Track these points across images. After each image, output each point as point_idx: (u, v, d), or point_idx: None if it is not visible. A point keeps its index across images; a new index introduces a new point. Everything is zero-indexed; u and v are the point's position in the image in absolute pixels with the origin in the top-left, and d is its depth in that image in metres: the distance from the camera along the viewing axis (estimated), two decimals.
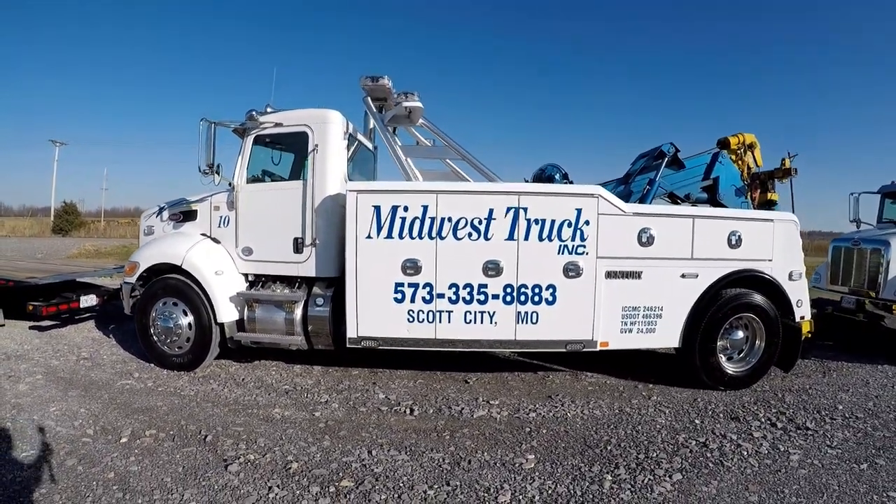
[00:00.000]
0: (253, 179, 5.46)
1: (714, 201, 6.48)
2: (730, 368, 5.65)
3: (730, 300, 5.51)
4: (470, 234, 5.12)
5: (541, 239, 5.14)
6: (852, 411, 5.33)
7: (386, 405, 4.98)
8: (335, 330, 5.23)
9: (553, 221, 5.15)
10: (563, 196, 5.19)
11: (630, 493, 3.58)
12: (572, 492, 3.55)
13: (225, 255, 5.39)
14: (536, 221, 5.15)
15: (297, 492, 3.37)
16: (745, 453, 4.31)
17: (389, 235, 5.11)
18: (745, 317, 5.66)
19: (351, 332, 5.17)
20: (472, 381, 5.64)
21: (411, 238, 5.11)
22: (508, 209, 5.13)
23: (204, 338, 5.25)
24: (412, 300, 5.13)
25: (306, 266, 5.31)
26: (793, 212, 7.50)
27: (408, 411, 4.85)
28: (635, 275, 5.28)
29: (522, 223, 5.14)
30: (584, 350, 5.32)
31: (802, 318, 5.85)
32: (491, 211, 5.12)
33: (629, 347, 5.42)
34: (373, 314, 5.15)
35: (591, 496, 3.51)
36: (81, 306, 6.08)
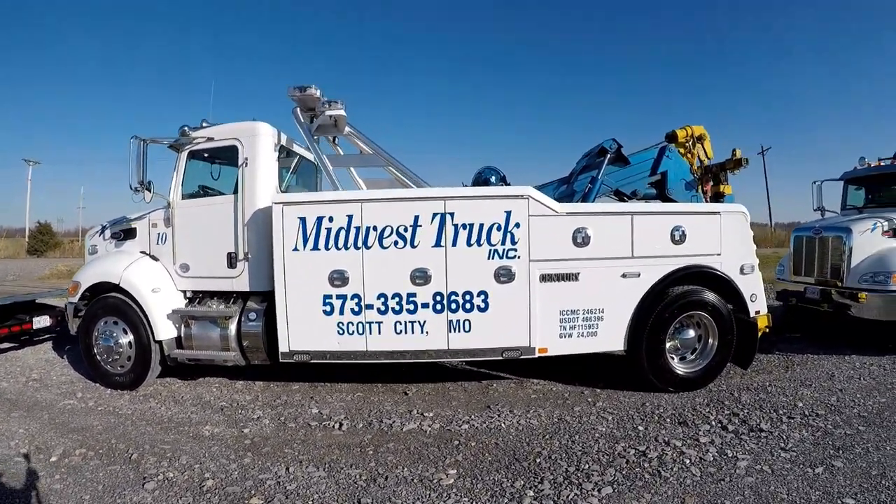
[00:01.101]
0: (192, 195, 5.02)
1: (663, 196, 5.73)
2: (681, 369, 4.90)
3: (676, 298, 4.77)
4: (396, 243, 4.52)
5: (469, 244, 4.51)
6: (813, 408, 4.55)
7: (317, 420, 4.43)
8: (269, 345, 4.71)
9: (481, 225, 4.50)
10: (491, 199, 4.54)
11: None
12: None
13: (163, 272, 4.95)
14: (464, 226, 4.51)
15: None
16: (688, 461, 3.64)
17: (316, 247, 4.56)
18: (697, 315, 4.91)
19: (283, 347, 4.63)
20: (412, 392, 5.03)
21: (337, 249, 4.54)
22: (434, 215, 4.52)
23: (144, 356, 4.81)
24: (341, 312, 4.56)
25: (240, 281, 4.81)
26: (768, 204, 6.71)
27: (337, 426, 4.30)
28: (572, 277, 4.59)
29: (449, 229, 4.51)
30: (522, 357, 4.66)
31: (758, 312, 5.06)
32: (416, 217, 4.52)
33: (570, 353, 4.72)
34: (303, 328, 4.60)
35: None
36: (34, 328, 5.72)
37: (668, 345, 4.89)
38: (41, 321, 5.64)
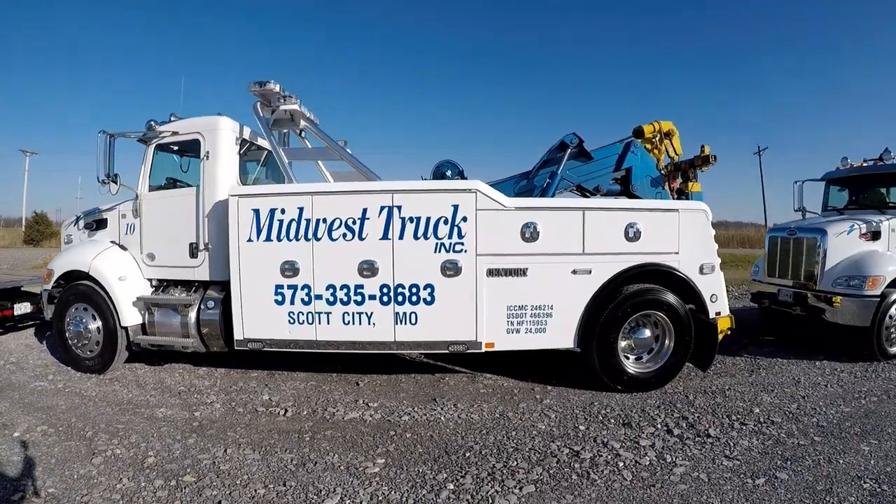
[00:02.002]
0: (159, 187, 4.89)
1: (628, 193, 5.29)
2: (635, 369, 4.49)
3: (630, 297, 4.36)
4: (345, 235, 4.27)
5: (416, 237, 4.22)
6: (769, 415, 4.09)
7: (265, 406, 4.22)
8: (227, 332, 4.54)
9: (428, 219, 4.21)
10: (439, 192, 4.23)
11: None
12: (404, 499, 2.86)
13: (130, 261, 4.83)
14: (411, 219, 4.22)
15: (143, 484, 3.02)
16: (622, 464, 3.29)
17: (268, 238, 4.35)
18: (653, 314, 4.49)
19: (238, 335, 4.45)
20: (364, 383, 4.76)
21: (289, 240, 4.32)
22: (382, 208, 4.24)
23: (112, 341, 4.71)
24: (292, 302, 4.34)
25: (201, 270, 4.65)
26: (764, 205, 6.14)
27: (282, 412, 4.09)
28: (520, 272, 4.24)
29: (397, 222, 4.23)
30: (469, 351, 4.33)
31: (718, 314, 4.59)
32: (364, 210, 4.25)
33: (517, 348, 4.38)
34: (256, 316, 4.41)
35: None
36: (16, 314, 5.70)
37: (621, 344, 4.48)
38: (22, 308, 5.63)
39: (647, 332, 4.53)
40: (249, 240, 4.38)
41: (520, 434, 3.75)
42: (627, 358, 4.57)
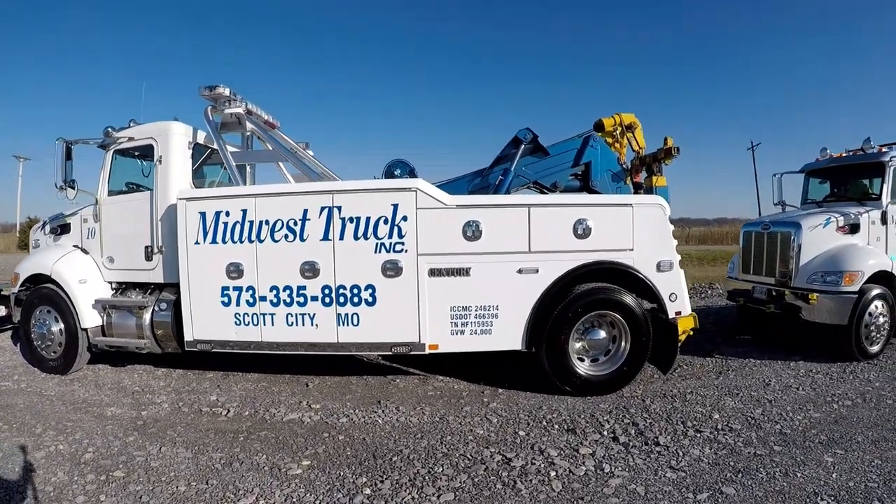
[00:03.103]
0: (119, 192, 4.73)
1: (588, 188, 4.89)
2: (588, 372, 4.06)
3: (580, 297, 3.95)
4: (287, 236, 4.00)
5: (356, 238, 3.91)
6: (729, 421, 3.62)
7: (210, 406, 3.99)
8: (178, 334, 4.34)
9: (368, 219, 3.89)
10: (378, 192, 3.92)
11: None
12: (317, 502, 2.66)
13: (91, 264, 4.68)
14: (351, 220, 3.92)
15: (76, 477, 2.95)
16: (554, 474, 2.92)
17: (214, 241, 4.12)
18: (610, 315, 4.06)
19: (188, 336, 4.23)
20: (314, 384, 4.46)
21: (234, 242, 4.08)
22: (322, 209, 3.96)
23: (73, 343, 4.56)
24: (237, 303, 4.09)
25: (156, 273, 4.47)
26: (758, 201, 5.63)
27: (225, 412, 3.87)
28: (463, 272, 3.89)
29: (337, 222, 3.94)
30: (413, 353, 4.01)
31: (679, 313, 4.14)
32: (305, 211, 3.97)
33: (463, 350, 4.00)
34: (204, 318, 4.18)
35: None
36: None
37: (576, 345, 4.08)
38: None
39: (603, 333, 4.09)
40: (197, 242, 4.17)
41: (455, 439, 3.40)
42: (582, 360, 4.14)
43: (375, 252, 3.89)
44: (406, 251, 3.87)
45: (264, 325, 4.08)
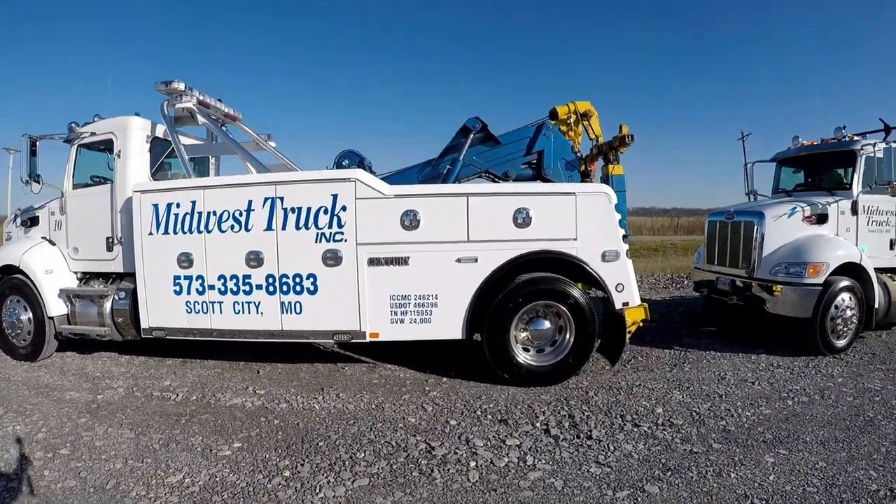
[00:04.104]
0: (83, 185, 4.67)
1: (540, 177, 4.68)
2: (531, 362, 3.82)
3: (521, 286, 3.72)
4: (233, 227, 3.87)
5: (298, 227, 3.76)
6: (672, 416, 3.34)
7: (161, 391, 3.93)
8: (136, 321, 4.32)
9: (309, 209, 3.73)
10: (318, 182, 3.75)
11: (292, 492, 2.54)
12: (238, 481, 2.65)
13: (58, 255, 4.64)
14: (293, 210, 3.77)
15: (27, 455, 2.99)
16: (474, 464, 2.74)
17: (166, 231, 4.03)
18: (556, 305, 3.81)
19: (144, 323, 4.17)
20: (265, 371, 4.34)
21: (184, 233, 3.98)
22: (266, 199, 3.82)
23: (41, 331, 4.53)
24: (188, 292, 4.00)
25: (116, 263, 4.41)
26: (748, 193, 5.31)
27: (173, 397, 3.81)
28: (401, 261, 3.72)
29: (279, 213, 3.79)
30: (354, 341, 3.87)
31: (626, 304, 3.91)
32: (250, 202, 3.83)
33: (403, 339, 3.83)
34: (158, 306, 4.10)
35: (253, 488, 2.59)
36: None
37: (520, 335, 3.84)
38: None
39: (547, 324, 3.84)
40: (150, 233, 4.09)
41: (385, 426, 3.23)
42: (527, 350, 3.90)
43: (316, 242, 3.74)
44: (346, 241, 3.70)
45: (213, 312, 4.00)
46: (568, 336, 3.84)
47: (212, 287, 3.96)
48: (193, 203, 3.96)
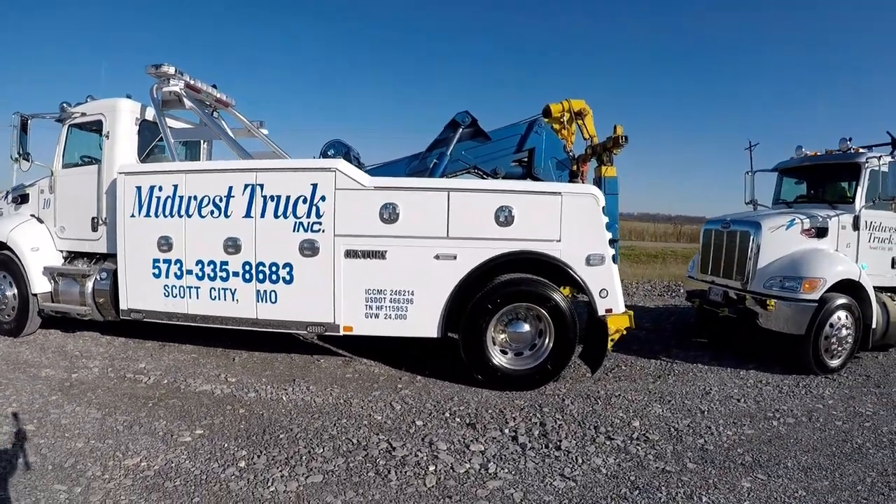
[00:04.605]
0: (73, 164, 4.62)
1: (530, 175, 4.53)
2: (508, 365, 3.66)
3: (500, 287, 3.56)
4: (212, 212, 3.77)
5: (276, 216, 3.64)
6: (648, 430, 3.15)
7: (134, 373, 3.86)
8: (116, 302, 4.29)
9: (288, 198, 3.61)
10: (299, 171, 3.64)
11: (244, 483, 2.47)
12: (193, 468, 2.59)
13: (45, 233, 4.60)
14: (272, 198, 3.66)
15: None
16: (433, 468, 2.61)
17: (148, 214, 3.95)
18: (536, 308, 3.64)
19: (123, 305, 4.10)
20: (241, 358, 4.26)
21: (165, 217, 3.90)
22: (246, 186, 3.72)
23: (25, 307, 4.50)
24: (167, 276, 3.92)
25: (100, 243, 4.35)
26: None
27: (145, 380, 3.75)
28: (379, 255, 3.58)
29: (259, 200, 3.68)
30: (328, 334, 3.77)
31: (609, 311, 3.75)
32: (230, 188, 3.73)
33: (377, 334, 3.69)
34: (137, 288, 4.03)
35: (206, 477, 2.52)
36: None
37: (496, 337, 3.68)
38: None
39: (527, 327, 3.67)
40: (132, 215, 4.01)
41: (349, 423, 3.11)
42: (505, 353, 3.73)
43: (294, 231, 3.61)
44: (323, 231, 3.58)
45: (190, 297, 3.92)
46: (547, 341, 3.68)
47: (189, 272, 3.89)
48: (175, 187, 3.89)
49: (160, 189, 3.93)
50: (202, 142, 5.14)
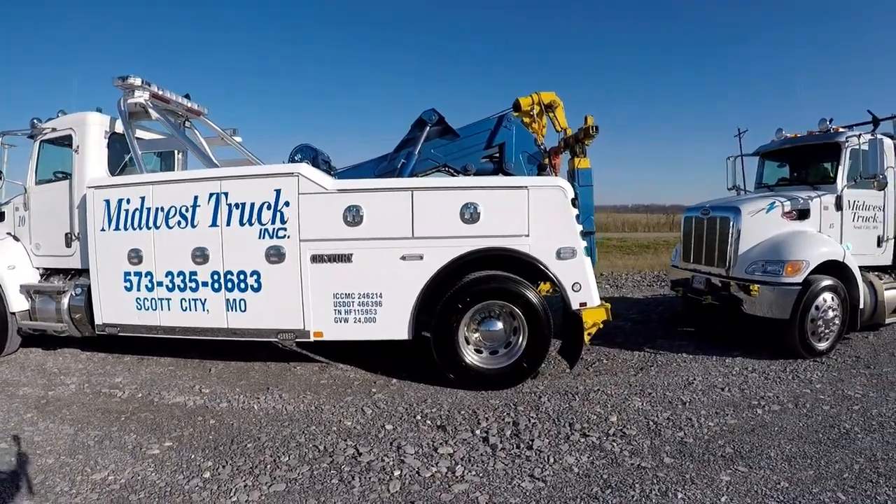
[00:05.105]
0: (46, 181, 4.59)
1: (502, 171, 4.46)
2: (483, 365, 3.56)
3: (469, 285, 3.45)
4: (179, 223, 3.71)
5: (242, 223, 3.57)
6: (626, 426, 3.03)
7: (110, 388, 3.81)
8: (92, 318, 4.28)
9: (253, 205, 3.54)
10: (262, 178, 3.56)
11: (207, 494, 2.43)
12: (158, 481, 2.57)
13: (21, 251, 4.56)
14: (237, 206, 3.59)
15: None
16: (399, 473, 2.53)
17: (117, 227, 3.90)
18: (508, 305, 3.53)
19: (97, 320, 4.04)
20: (217, 369, 4.17)
21: (134, 229, 3.85)
22: (211, 195, 3.65)
23: (4, 327, 4.45)
24: (138, 288, 3.86)
25: (74, 259, 4.30)
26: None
27: (120, 394, 3.70)
28: (345, 258, 3.50)
29: (224, 208, 3.60)
30: (299, 340, 3.71)
31: (584, 304, 3.65)
32: (196, 198, 3.67)
33: (348, 338, 3.61)
34: (110, 302, 3.97)
35: (170, 489, 2.49)
36: None
37: (470, 336, 3.58)
38: None
39: (499, 325, 3.57)
40: (102, 229, 3.96)
41: (318, 429, 3.02)
42: (480, 352, 3.62)
43: (259, 238, 3.54)
44: (288, 237, 3.50)
45: (162, 309, 3.86)
46: (521, 338, 3.61)
47: (160, 284, 3.84)
48: (143, 199, 3.85)
49: (128, 202, 3.89)
50: (177, 152, 5.13)
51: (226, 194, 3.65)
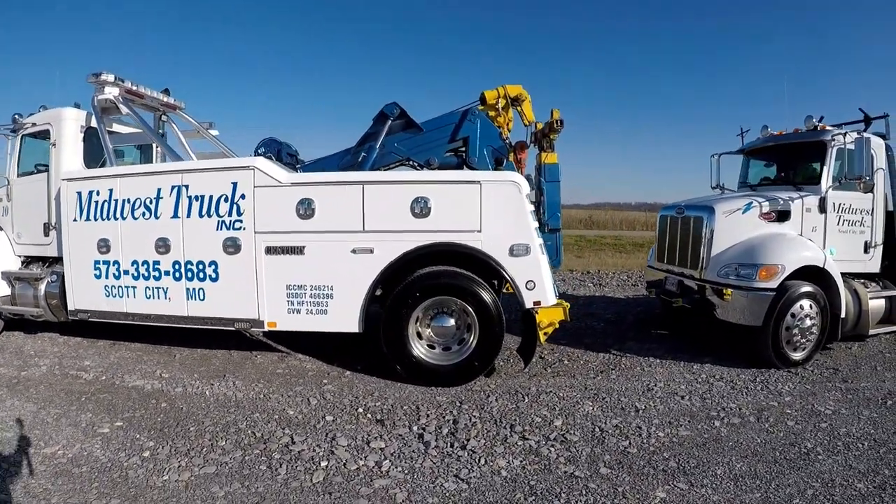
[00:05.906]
0: (27, 173, 4.78)
1: (466, 165, 4.46)
2: (434, 361, 3.52)
3: (419, 280, 3.41)
4: (144, 214, 3.79)
5: (201, 215, 3.62)
6: (569, 431, 2.94)
7: (77, 370, 3.95)
8: (66, 303, 4.53)
9: (211, 197, 3.58)
10: (219, 171, 3.62)
11: (142, 472, 2.56)
12: (103, 456, 2.74)
13: (5, 239, 4.77)
14: (197, 198, 3.64)
15: None
16: (325, 464, 2.56)
17: (88, 218, 4.01)
18: (460, 302, 3.51)
19: (70, 305, 4.17)
20: (182, 355, 4.26)
21: (103, 220, 3.94)
22: (173, 188, 3.71)
23: None
24: (106, 276, 3.97)
25: (52, 247, 4.45)
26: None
27: (85, 376, 3.83)
28: (297, 250, 3.51)
29: (185, 200, 3.66)
30: (253, 330, 3.80)
31: (538, 303, 3.63)
32: (159, 190, 3.74)
33: (300, 330, 3.62)
34: (82, 289, 4.09)
35: (111, 465, 2.65)
36: None
37: (422, 331, 3.55)
38: None
39: (451, 321, 3.50)
40: (75, 219, 4.06)
41: (261, 417, 3.06)
42: (433, 348, 3.57)
43: (217, 229, 3.58)
44: (244, 229, 3.53)
45: (128, 297, 3.96)
46: (473, 336, 3.62)
47: (126, 272, 3.98)
48: (111, 191, 3.97)
49: (97, 193, 4.03)
50: (155, 145, 5.35)
51: (186, 187, 3.74)
